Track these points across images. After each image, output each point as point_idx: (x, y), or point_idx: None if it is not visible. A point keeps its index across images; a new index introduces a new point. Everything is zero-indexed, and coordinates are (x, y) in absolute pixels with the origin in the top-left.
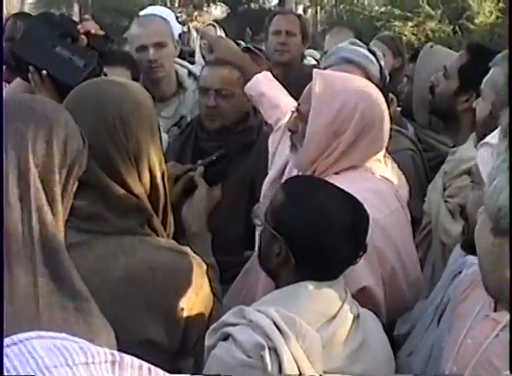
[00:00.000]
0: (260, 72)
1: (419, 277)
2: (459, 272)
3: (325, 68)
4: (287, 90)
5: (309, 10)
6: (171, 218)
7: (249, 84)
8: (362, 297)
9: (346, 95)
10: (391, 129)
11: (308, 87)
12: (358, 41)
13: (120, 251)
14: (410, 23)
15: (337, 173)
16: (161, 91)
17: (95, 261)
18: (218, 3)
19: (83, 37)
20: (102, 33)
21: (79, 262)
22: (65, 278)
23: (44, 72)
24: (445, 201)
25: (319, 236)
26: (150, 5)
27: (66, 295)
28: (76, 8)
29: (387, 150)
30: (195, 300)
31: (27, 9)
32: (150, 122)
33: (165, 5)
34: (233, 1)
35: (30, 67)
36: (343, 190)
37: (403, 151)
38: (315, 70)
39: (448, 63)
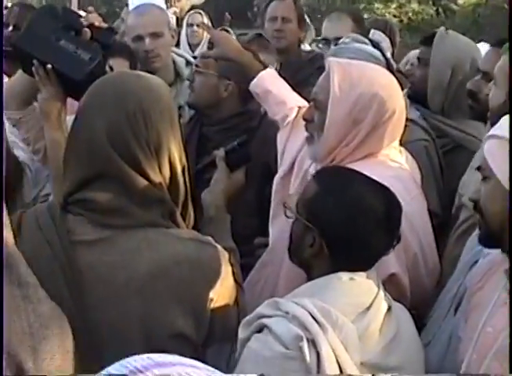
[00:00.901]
0: (263, 68)
1: (436, 265)
2: (476, 262)
3: None
4: (285, 76)
5: None
6: (191, 211)
7: (254, 81)
8: (390, 284)
9: (364, 84)
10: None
11: (323, 75)
12: (360, 37)
13: (145, 244)
14: (392, 5)
15: (354, 161)
16: None
17: (119, 256)
18: None
19: (86, 30)
20: (105, 25)
21: (103, 258)
22: (11, 265)
23: (49, 66)
24: None
25: (353, 227)
26: None
27: (12, 283)
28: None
29: (400, 140)
30: (220, 290)
31: None
32: (170, 115)
33: None
34: None
35: (35, 61)
36: (375, 181)
37: (417, 142)
38: (330, 59)
39: (486, 66)
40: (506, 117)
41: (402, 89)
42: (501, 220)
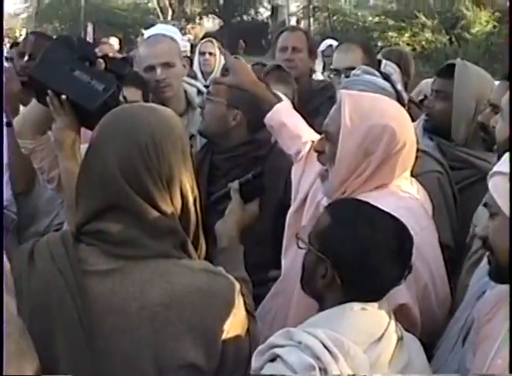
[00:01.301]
0: (277, 101)
1: (447, 296)
2: (483, 292)
3: None
4: (296, 105)
5: (302, 22)
6: (202, 241)
7: (269, 114)
8: (400, 314)
9: (375, 116)
10: (416, 150)
11: (334, 107)
12: (370, 69)
13: (157, 275)
14: (406, 34)
15: (366, 192)
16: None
17: (132, 287)
18: (211, 16)
19: (101, 60)
20: (120, 56)
21: (116, 288)
22: None
23: (63, 96)
24: None
25: (366, 259)
26: (151, 24)
27: None
28: (90, 27)
29: (412, 172)
30: (232, 320)
31: (19, 24)
32: (182, 146)
33: (158, 18)
34: (226, 13)
35: (49, 91)
36: (387, 212)
37: (429, 173)
38: (342, 91)
39: (496, 99)
40: (510, 153)
41: (414, 120)
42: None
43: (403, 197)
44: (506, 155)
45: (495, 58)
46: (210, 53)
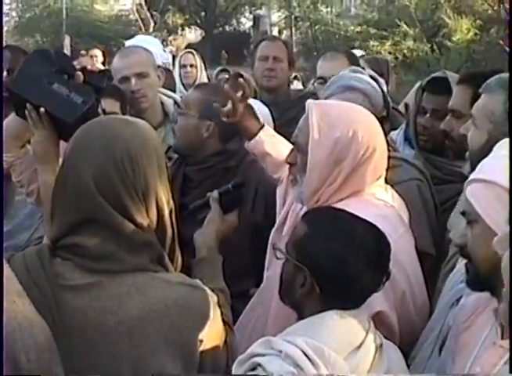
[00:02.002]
0: (260, 127)
1: (425, 302)
2: (457, 301)
3: (327, 97)
4: (274, 115)
5: (284, 31)
6: (178, 253)
7: (252, 142)
8: (377, 322)
9: (343, 124)
10: (396, 158)
11: (303, 118)
12: (359, 69)
13: (134, 289)
14: (387, 43)
15: (340, 201)
16: (147, 121)
17: (109, 301)
18: (193, 27)
19: (79, 73)
20: (98, 69)
21: (93, 303)
22: None
23: (41, 109)
24: None
25: (344, 266)
26: (129, 35)
27: None
28: (67, 39)
29: (392, 179)
30: (209, 332)
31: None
32: (158, 159)
33: (139, 30)
34: (208, 24)
35: (28, 105)
36: (364, 219)
37: (409, 181)
38: (309, 101)
39: (455, 104)
40: (487, 160)
41: (395, 127)
42: (490, 264)
43: (378, 204)
44: (485, 162)
45: (477, 65)
46: (192, 65)
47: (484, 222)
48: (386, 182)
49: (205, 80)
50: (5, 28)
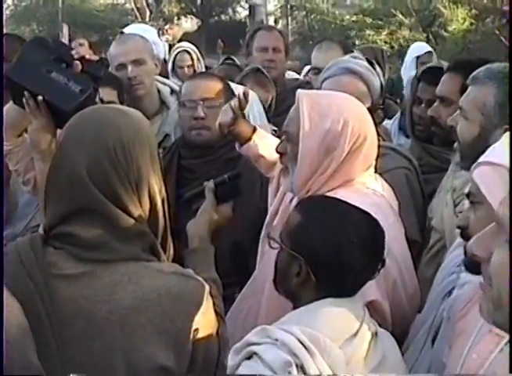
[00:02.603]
0: (252, 131)
1: (416, 291)
2: (450, 292)
3: (325, 79)
4: (273, 105)
5: (280, 21)
6: (170, 242)
7: (245, 146)
8: (371, 310)
9: (334, 113)
10: (384, 147)
11: (293, 108)
12: (359, 55)
13: (127, 278)
14: (383, 32)
15: (331, 190)
16: (143, 109)
17: (101, 290)
18: (189, 16)
19: (77, 62)
20: (96, 58)
21: (85, 292)
22: None
23: (39, 98)
24: (458, 217)
25: (339, 253)
26: (125, 24)
27: None
28: (65, 29)
29: (380, 168)
30: (201, 322)
31: None
32: (150, 149)
33: (135, 19)
34: (203, 13)
35: (25, 93)
36: (357, 207)
37: (397, 169)
38: (299, 91)
39: (443, 91)
40: (498, 144)
41: (388, 116)
42: None
43: (369, 193)
44: (496, 146)
45: (472, 55)
46: (189, 66)
47: (490, 205)
48: (375, 170)
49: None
50: None
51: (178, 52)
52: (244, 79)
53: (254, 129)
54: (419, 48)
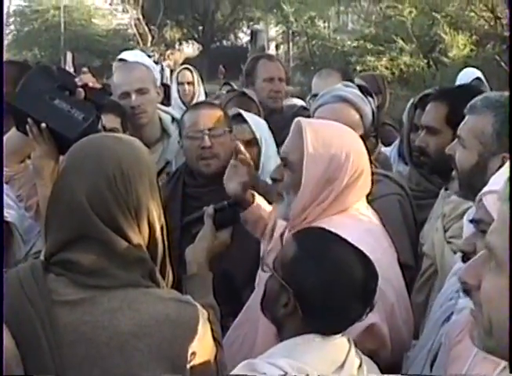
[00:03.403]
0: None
1: (410, 313)
2: (448, 318)
3: (318, 107)
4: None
5: (282, 46)
6: (169, 268)
7: (248, 210)
8: (370, 334)
9: (337, 144)
10: (377, 174)
11: (293, 135)
12: (351, 84)
13: (126, 304)
14: (384, 58)
15: (328, 217)
16: (145, 137)
17: (101, 316)
18: (190, 41)
19: (80, 90)
20: (99, 86)
21: (85, 318)
22: None
23: (43, 125)
24: (448, 242)
25: (329, 293)
26: (126, 49)
27: None
28: (69, 56)
29: (374, 194)
30: (199, 348)
31: None
32: (149, 176)
33: (137, 44)
34: (205, 39)
35: (29, 120)
36: (355, 247)
37: (390, 196)
38: (301, 119)
39: (430, 121)
40: (502, 172)
41: (385, 144)
42: None
43: (363, 219)
44: (500, 174)
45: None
46: (189, 82)
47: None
48: (367, 196)
49: (202, 96)
50: (4, 42)
51: (181, 70)
52: (229, 103)
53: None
54: (467, 74)
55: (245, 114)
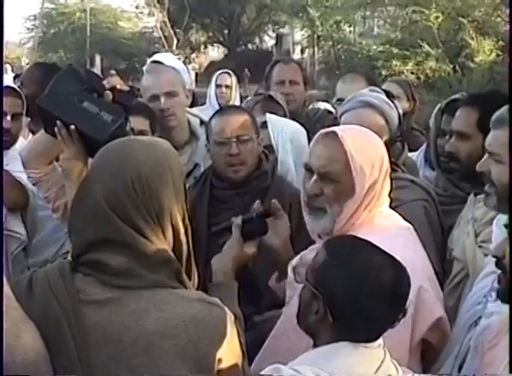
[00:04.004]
0: None
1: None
2: (476, 322)
3: (344, 112)
4: None
5: (307, 50)
6: (194, 271)
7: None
8: (438, 328)
9: (372, 148)
10: (403, 179)
11: (326, 147)
12: (377, 89)
13: (153, 305)
14: (410, 63)
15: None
16: (174, 139)
17: (128, 316)
18: (216, 45)
19: (108, 92)
20: (127, 88)
21: (112, 318)
22: None
23: (72, 127)
24: (480, 247)
25: (358, 298)
26: (154, 52)
27: None
28: (98, 58)
29: (398, 199)
30: (226, 350)
31: (25, 53)
32: (173, 180)
33: (163, 47)
34: (230, 42)
35: (58, 122)
36: (386, 252)
37: (415, 201)
38: (336, 130)
39: (461, 126)
40: None
41: (412, 149)
42: None
43: (397, 220)
44: None
45: (499, 86)
46: (227, 86)
47: None
48: (392, 201)
49: (238, 101)
50: (29, 44)
51: (221, 73)
52: (256, 106)
53: None
54: None
55: (268, 120)
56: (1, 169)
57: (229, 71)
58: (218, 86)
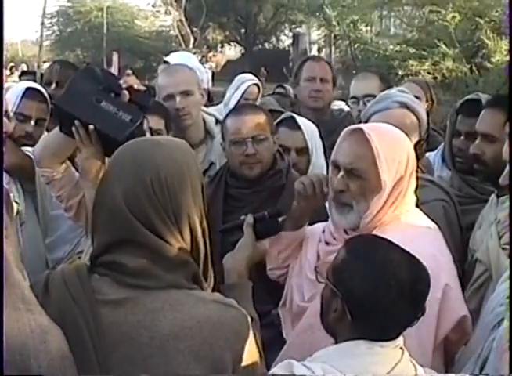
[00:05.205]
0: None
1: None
2: (499, 323)
3: (375, 112)
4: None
5: (323, 50)
6: (211, 272)
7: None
8: (460, 327)
9: (399, 145)
10: (423, 179)
11: (353, 144)
12: (405, 89)
13: (168, 305)
14: (426, 63)
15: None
16: (189, 138)
17: (143, 316)
18: (232, 44)
19: (125, 92)
20: (143, 88)
21: (127, 318)
22: (14, 284)
23: (91, 127)
24: (503, 249)
25: (376, 296)
26: (172, 51)
27: (17, 298)
28: (115, 57)
29: (418, 199)
30: (242, 352)
31: (43, 51)
32: (191, 180)
33: (179, 46)
34: (247, 41)
35: (76, 122)
36: (405, 251)
37: (435, 202)
38: (362, 127)
39: (485, 128)
40: None
41: (431, 149)
42: None
43: (425, 217)
44: None
45: None
46: (254, 99)
47: None
48: None
49: None
50: (46, 42)
51: (250, 86)
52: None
53: None
54: None
55: (299, 121)
56: (1, 170)
57: (258, 84)
58: (245, 99)
